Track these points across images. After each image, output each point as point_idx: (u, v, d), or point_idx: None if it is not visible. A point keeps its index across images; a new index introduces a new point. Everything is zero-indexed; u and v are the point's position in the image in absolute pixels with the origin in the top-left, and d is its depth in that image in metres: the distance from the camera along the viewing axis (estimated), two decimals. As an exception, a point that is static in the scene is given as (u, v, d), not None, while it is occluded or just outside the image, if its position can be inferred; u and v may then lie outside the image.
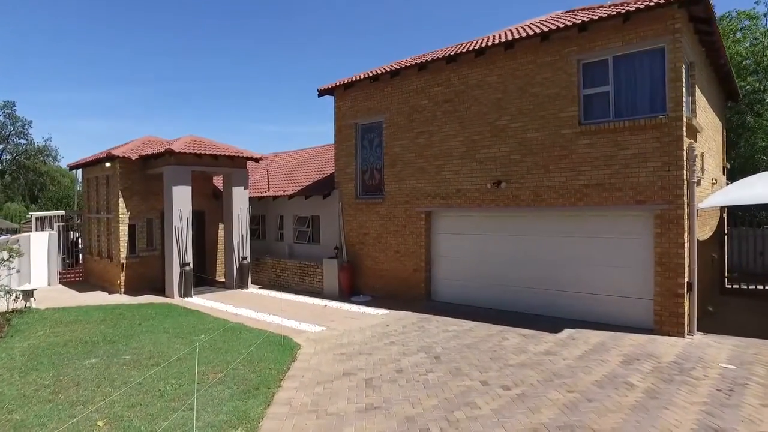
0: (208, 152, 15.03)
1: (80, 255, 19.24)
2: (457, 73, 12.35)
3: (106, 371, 7.49)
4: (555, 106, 10.69)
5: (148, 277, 15.93)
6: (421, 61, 12.69)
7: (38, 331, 10.25)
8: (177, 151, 14.38)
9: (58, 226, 18.26)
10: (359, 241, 14.53)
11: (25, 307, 13.17)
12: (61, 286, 17.42)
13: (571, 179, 10.41)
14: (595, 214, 10.32)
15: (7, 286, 12.42)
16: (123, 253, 15.63)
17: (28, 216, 22.64)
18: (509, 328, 10.02)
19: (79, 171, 20.14)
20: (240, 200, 16.14)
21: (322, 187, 15.84)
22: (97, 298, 14.81)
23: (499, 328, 10.06)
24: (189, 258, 14.87)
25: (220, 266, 17.73)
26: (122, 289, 15.53)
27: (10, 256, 11.36)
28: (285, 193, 16.64)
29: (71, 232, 19.34)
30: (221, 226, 17.30)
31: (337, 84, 14.75)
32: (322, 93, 15.38)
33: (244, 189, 16.29)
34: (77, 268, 18.96)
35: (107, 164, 15.86)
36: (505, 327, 10.09)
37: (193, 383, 6.72)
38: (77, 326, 10.69)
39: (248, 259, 16.15)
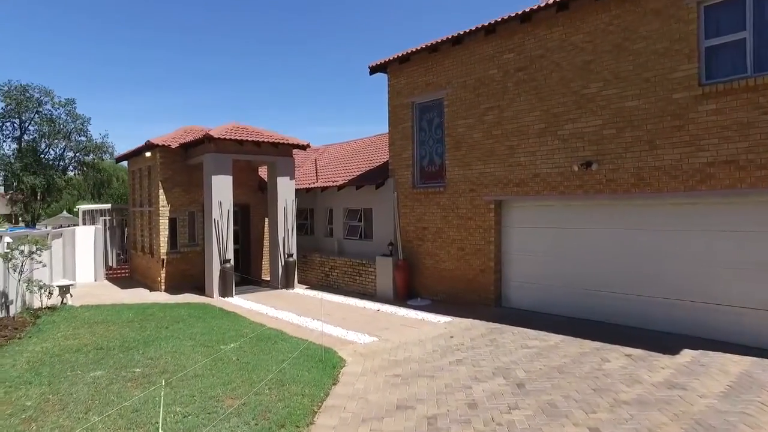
0: (250, 139, 13.74)
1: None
2: (533, 35, 10.27)
3: (107, 389, 6.12)
4: (664, 65, 8.42)
5: (189, 274, 14.88)
6: (489, 24, 10.71)
7: (59, 333, 9.20)
8: (216, 137, 13.16)
9: (104, 220, 17.69)
10: (417, 236, 12.73)
11: (62, 303, 12.37)
12: (107, 282, 16.78)
13: (689, 156, 8.11)
14: (724, 201, 7.97)
15: (40, 281, 11.61)
16: (163, 248, 14.65)
17: (75, 209, 22.61)
18: (606, 345, 7.89)
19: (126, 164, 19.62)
20: (285, 191, 14.76)
21: (375, 176, 14.17)
22: (135, 295, 13.88)
23: (593, 344, 7.94)
24: (229, 254, 13.63)
25: (266, 264, 16.47)
26: (162, 287, 14.56)
27: (36, 249, 10.43)
28: (334, 184, 15.11)
29: (126, 228, 18.78)
30: (267, 220, 16.02)
31: (391, 58, 13.01)
32: (374, 70, 13.70)
33: (290, 179, 14.90)
34: (128, 264, 18.37)
35: (147, 154, 14.95)
36: (601, 343, 7.97)
37: (201, 413, 5.17)
38: (101, 328, 9.57)
39: (294, 257, 14.74)
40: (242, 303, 12.48)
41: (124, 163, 24.26)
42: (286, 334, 9.02)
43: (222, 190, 13.57)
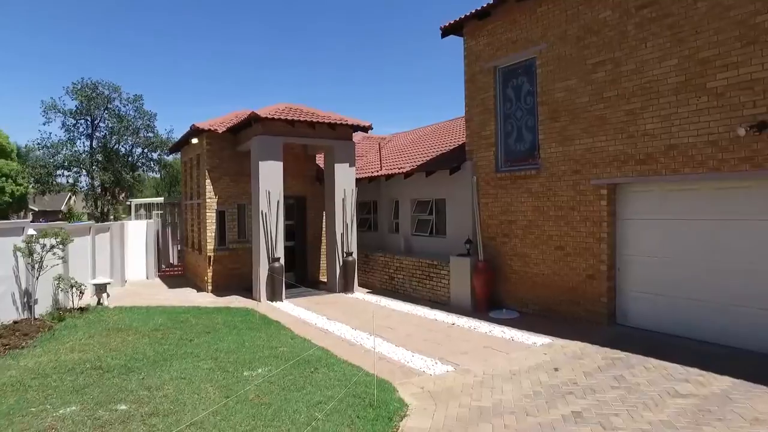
0: (302, 119, 11.87)
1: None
2: (666, -43, 7.49)
3: (65, 442, 4.30)
4: None
5: (238, 273, 13.33)
6: (602, -51, 8.05)
7: (68, 342, 7.73)
8: (263, 116, 11.41)
9: (157, 214, 16.69)
10: (501, 231, 10.25)
11: (98, 303, 11.16)
12: (158, 280, 15.69)
13: None
14: None
15: (72, 278, 10.41)
16: (210, 244, 13.19)
17: (127, 203, 22.19)
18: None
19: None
20: (344, 180, 12.78)
21: (449, 160, 11.82)
22: (179, 297, 12.48)
23: (787, 395, 5.16)
24: (279, 252, 11.84)
25: (323, 264, 14.62)
26: (209, 287, 13.10)
27: (59, 243, 9.12)
28: (400, 171, 12.92)
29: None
30: (325, 214, 14.16)
31: (468, 15, 10.60)
32: (446, 31, 11.34)
33: (350, 166, 12.90)
34: (182, 261, 17.33)
35: (194, 141, 13.57)
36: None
37: None
38: (118, 337, 8.02)
39: (354, 256, 12.73)
40: (290, 309, 10.61)
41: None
42: (333, 356, 6.94)
43: (271, 177, 11.81)
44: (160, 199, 18.12)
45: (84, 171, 25.99)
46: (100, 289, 11.29)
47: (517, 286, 9.87)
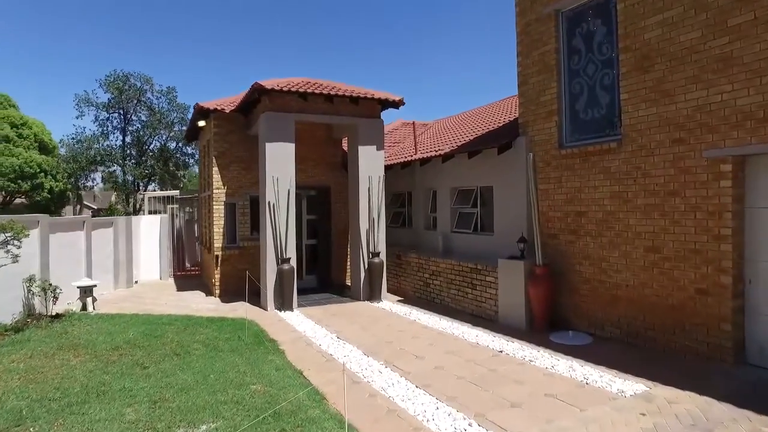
0: (316, 91, 9.81)
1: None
2: None
3: None
4: None
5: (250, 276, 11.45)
6: None
7: (-2, 367, 6.01)
8: (269, 88, 9.44)
9: (171, 208, 15.21)
10: (567, 227, 7.76)
11: (83, 308, 9.62)
12: (171, 281, 14.17)
13: None
14: None
15: (46, 280, 8.89)
16: (218, 241, 11.42)
17: (140, 195, 20.99)
18: None
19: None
20: (370, 165, 10.63)
21: (497, 138, 9.40)
22: (180, 302, 10.77)
23: None
24: (290, 251, 9.84)
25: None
26: (217, 291, 11.34)
27: (14, 237, 7.51)
28: (438, 153, 10.61)
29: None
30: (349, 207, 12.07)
31: (523, -54, 8.18)
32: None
33: (377, 149, 10.73)
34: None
35: (201, 123, 11.83)
36: None
37: None
38: (64, 358, 6.33)
39: (382, 257, 10.54)
40: (297, 323, 8.58)
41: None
42: (323, 403, 4.82)
43: (280, 162, 9.83)
44: (176, 192, 16.66)
45: (116, 165, 25.35)
46: (85, 292, 9.73)
47: (588, 300, 7.35)
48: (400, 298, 10.92)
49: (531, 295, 7.69)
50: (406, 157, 12.11)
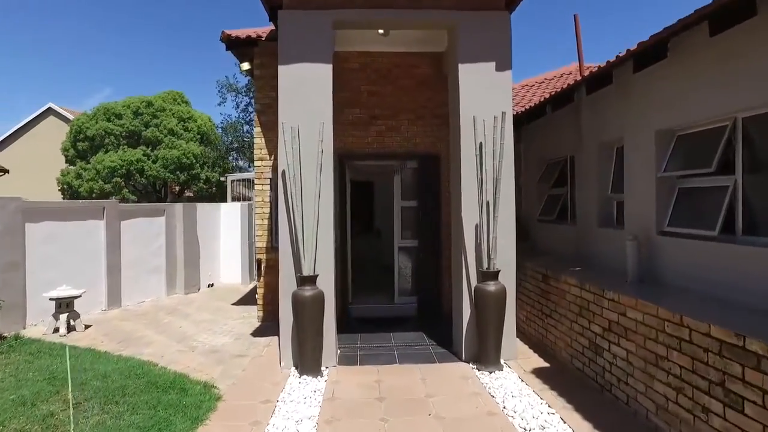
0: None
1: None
2: None
3: None
4: None
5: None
6: None
7: None
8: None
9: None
10: None
11: (55, 330, 6.77)
12: (250, 286, 11.02)
13: None
14: None
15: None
16: (262, 239, 7.61)
17: (222, 178, 18.33)
18: None
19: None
20: (481, 99, 5.55)
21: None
22: (199, 328, 7.27)
23: None
24: (323, 262, 5.39)
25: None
26: (260, 312, 7.55)
27: None
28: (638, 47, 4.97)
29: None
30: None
31: None
32: None
33: (496, 69, 5.58)
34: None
35: (244, 66, 8.01)
36: None
37: None
38: None
39: (506, 278, 5.39)
40: (303, 411, 4.10)
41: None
42: None
43: (301, 99, 5.43)
44: (252, 174, 13.44)
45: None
46: (61, 306, 6.77)
47: None
48: (540, 363, 5.60)
49: None
50: (564, 84, 6.57)
